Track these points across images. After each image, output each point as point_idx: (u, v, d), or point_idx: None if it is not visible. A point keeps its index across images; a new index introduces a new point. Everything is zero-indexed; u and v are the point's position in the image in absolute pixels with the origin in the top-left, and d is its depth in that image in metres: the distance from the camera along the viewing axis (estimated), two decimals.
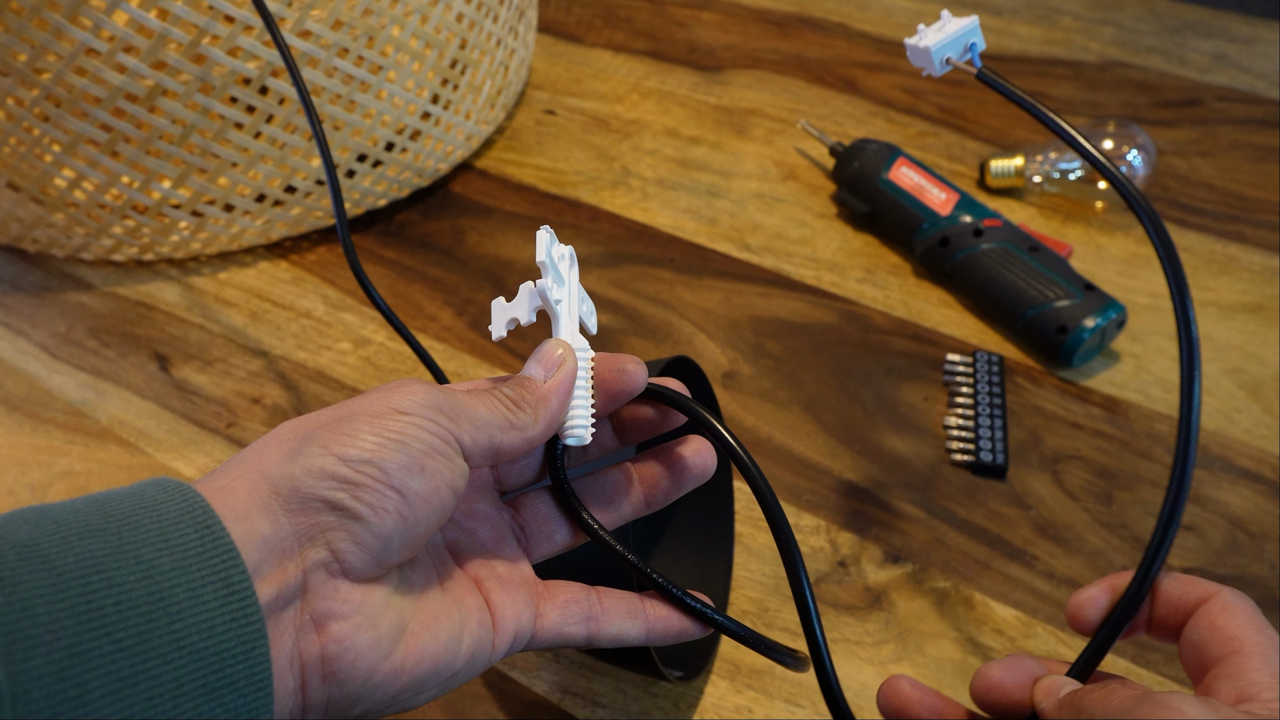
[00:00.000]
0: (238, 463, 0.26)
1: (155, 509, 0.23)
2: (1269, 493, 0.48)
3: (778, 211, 0.66)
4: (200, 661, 0.22)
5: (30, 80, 0.54)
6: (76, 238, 0.61)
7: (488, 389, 0.29)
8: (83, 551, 0.22)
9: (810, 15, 0.85)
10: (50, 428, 0.54)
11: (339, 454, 0.25)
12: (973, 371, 0.53)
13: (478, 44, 0.65)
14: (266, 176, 0.59)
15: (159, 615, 0.22)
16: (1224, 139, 0.70)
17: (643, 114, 0.75)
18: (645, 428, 0.32)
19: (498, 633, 0.29)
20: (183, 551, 0.23)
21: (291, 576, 0.24)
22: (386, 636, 0.26)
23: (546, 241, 0.30)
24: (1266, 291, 0.58)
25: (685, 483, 0.32)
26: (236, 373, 0.56)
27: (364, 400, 0.27)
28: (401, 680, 0.26)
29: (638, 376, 0.30)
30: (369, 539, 0.25)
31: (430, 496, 0.26)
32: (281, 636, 0.24)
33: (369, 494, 0.25)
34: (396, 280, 0.62)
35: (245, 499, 0.24)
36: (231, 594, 0.23)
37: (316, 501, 0.25)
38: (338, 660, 0.25)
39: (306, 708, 0.25)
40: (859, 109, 0.74)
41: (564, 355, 0.30)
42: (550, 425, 0.29)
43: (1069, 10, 0.84)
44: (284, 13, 0.54)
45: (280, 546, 0.24)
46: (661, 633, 0.31)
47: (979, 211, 0.58)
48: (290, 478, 0.25)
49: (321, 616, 0.25)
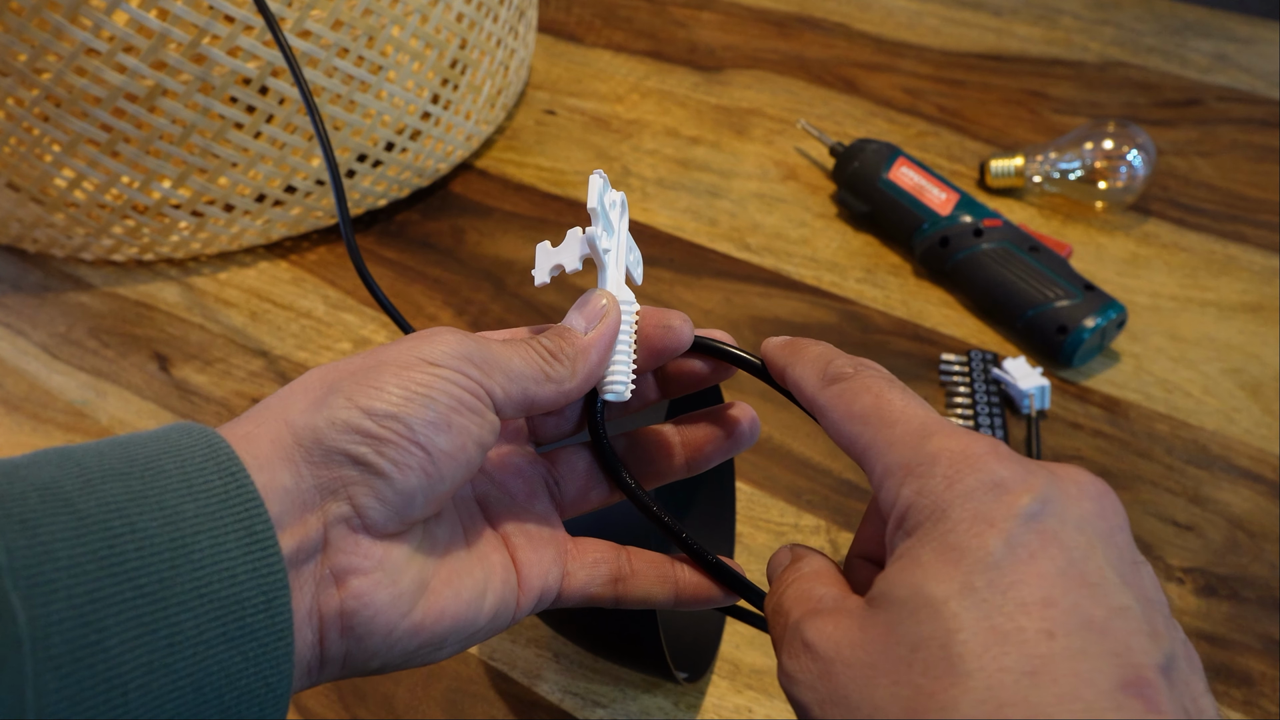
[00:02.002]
0: (263, 409, 0.25)
1: (179, 454, 0.23)
2: (1269, 493, 0.48)
3: (778, 211, 0.66)
4: (221, 610, 0.22)
5: (30, 80, 0.54)
6: (76, 238, 0.61)
7: (525, 338, 0.28)
8: (105, 495, 0.21)
9: (810, 15, 0.85)
10: (50, 428, 0.54)
11: (363, 406, 0.24)
12: (969, 371, 0.53)
13: (478, 44, 0.65)
14: (266, 176, 0.59)
15: (181, 562, 0.21)
16: (1224, 139, 0.70)
17: (643, 114, 0.75)
18: (692, 381, 0.31)
19: (523, 590, 0.28)
20: (206, 498, 0.22)
21: (313, 530, 0.24)
22: (407, 593, 0.25)
23: (600, 187, 0.29)
24: (1266, 291, 0.58)
25: (735, 447, 0.32)
26: (236, 373, 0.56)
27: (394, 349, 0.26)
28: (421, 637, 0.26)
29: (683, 333, 0.29)
30: (391, 495, 0.25)
31: (456, 453, 0.25)
32: (301, 589, 0.24)
33: (392, 450, 0.24)
34: (396, 280, 0.62)
35: (268, 448, 0.24)
36: (254, 543, 0.22)
37: (339, 455, 0.24)
38: (357, 615, 0.25)
39: (324, 661, 0.25)
40: (859, 109, 0.74)
41: (608, 307, 0.29)
42: (588, 380, 0.28)
43: (1069, 10, 0.84)
44: (284, 13, 0.54)
45: (302, 499, 0.24)
46: (691, 598, 0.30)
47: (979, 211, 0.58)
48: (313, 429, 0.24)
49: (342, 571, 0.25)
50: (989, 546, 0.21)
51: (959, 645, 0.20)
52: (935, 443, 0.23)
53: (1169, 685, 0.20)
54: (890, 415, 0.24)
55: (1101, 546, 0.21)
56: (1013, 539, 0.21)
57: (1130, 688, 0.19)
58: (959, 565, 0.21)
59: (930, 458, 0.23)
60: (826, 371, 0.27)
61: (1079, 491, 0.22)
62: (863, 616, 0.22)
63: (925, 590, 0.21)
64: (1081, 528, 0.21)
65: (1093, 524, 0.22)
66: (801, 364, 0.28)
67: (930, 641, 0.20)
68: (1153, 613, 0.21)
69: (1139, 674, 0.19)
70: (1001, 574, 0.20)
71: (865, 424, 0.25)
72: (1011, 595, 0.20)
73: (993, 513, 0.21)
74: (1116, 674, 0.19)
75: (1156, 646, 0.20)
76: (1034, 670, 0.19)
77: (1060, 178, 0.63)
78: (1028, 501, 0.21)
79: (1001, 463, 0.22)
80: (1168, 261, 0.61)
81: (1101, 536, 0.21)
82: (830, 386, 0.26)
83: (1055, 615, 0.20)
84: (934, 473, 0.22)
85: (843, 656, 0.22)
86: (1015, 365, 0.52)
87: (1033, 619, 0.20)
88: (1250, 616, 0.43)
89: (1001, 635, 0.20)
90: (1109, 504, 0.22)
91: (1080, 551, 0.21)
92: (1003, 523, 0.21)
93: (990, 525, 0.21)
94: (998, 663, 0.19)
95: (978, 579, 0.20)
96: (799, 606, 0.25)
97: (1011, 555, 0.20)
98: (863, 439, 0.25)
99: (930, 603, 0.20)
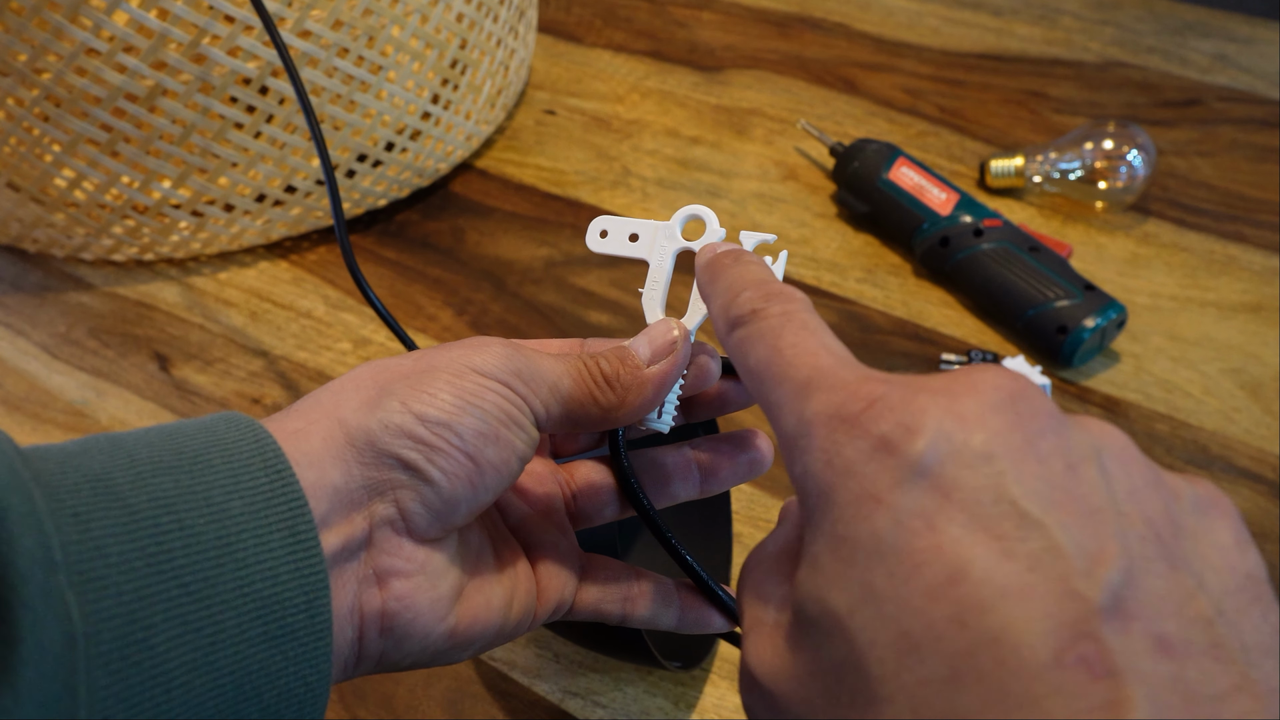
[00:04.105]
0: (314, 405, 0.25)
1: (227, 448, 0.23)
2: (1269, 493, 0.48)
3: (778, 211, 0.66)
4: (263, 609, 0.22)
5: (30, 80, 0.54)
6: (76, 238, 0.61)
7: (580, 355, 0.28)
8: (155, 490, 0.21)
9: (810, 15, 0.85)
10: (50, 428, 0.54)
11: (417, 412, 0.25)
12: None
13: (478, 44, 0.65)
14: (266, 176, 0.59)
15: (226, 560, 0.22)
16: (1224, 139, 0.70)
17: (643, 114, 0.75)
18: (716, 406, 0.31)
19: (541, 602, 0.29)
20: (252, 495, 0.22)
21: (358, 529, 0.24)
22: (445, 598, 0.26)
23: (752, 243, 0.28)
24: (1266, 291, 0.58)
25: (751, 472, 0.31)
26: (236, 373, 0.56)
27: (443, 354, 0.26)
28: (453, 640, 0.26)
29: (713, 371, 0.29)
30: (437, 502, 0.25)
31: (501, 466, 0.26)
32: (344, 587, 0.24)
33: (443, 458, 0.25)
34: (397, 280, 0.62)
35: (320, 445, 0.24)
36: (298, 543, 0.23)
37: (390, 458, 0.24)
38: (398, 617, 0.25)
39: (361, 658, 0.25)
40: (859, 109, 0.74)
41: (677, 341, 0.28)
42: (638, 413, 0.28)
43: (1069, 10, 0.84)
44: (284, 13, 0.54)
45: (351, 498, 0.24)
46: (692, 624, 0.31)
47: (979, 211, 0.58)
48: (367, 430, 0.24)
49: (385, 572, 0.25)
50: (879, 531, 0.17)
51: (874, 666, 0.17)
52: (812, 405, 0.20)
53: (1122, 624, 0.16)
54: (778, 369, 0.21)
55: (1014, 472, 0.17)
56: (902, 512, 0.17)
57: (1066, 656, 0.15)
58: (853, 564, 0.17)
59: (807, 427, 0.19)
60: (730, 312, 0.24)
61: (980, 407, 0.18)
62: (792, 636, 0.19)
63: (829, 604, 0.18)
64: (987, 458, 0.17)
65: (1002, 444, 0.17)
66: (713, 300, 0.25)
67: (847, 667, 0.17)
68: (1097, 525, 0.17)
69: (1076, 630, 0.15)
70: (899, 561, 0.17)
71: (760, 382, 0.22)
72: (915, 585, 0.17)
73: (877, 484, 0.18)
74: (1048, 646, 0.15)
75: (1094, 581, 0.16)
76: (955, 673, 0.16)
77: (1060, 178, 0.63)
78: (914, 455, 0.17)
79: (881, 414, 0.18)
80: (1168, 261, 0.61)
81: (1015, 456, 0.17)
82: (732, 335, 0.23)
83: (965, 595, 0.16)
84: (811, 447, 0.19)
85: (781, 691, 0.19)
86: (1015, 365, 0.52)
87: (942, 607, 0.16)
88: None
89: (914, 642, 0.16)
90: (1022, 404, 0.18)
91: (987, 494, 0.17)
92: (889, 494, 0.17)
93: (877, 502, 0.17)
94: (915, 675, 0.16)
95: (876, 577, 0.17)
96: (749, 613, 0.22)
97: (905, 533, 0.17)
98: (762, 402, 0.22)
99: (836, 620, 0.18)
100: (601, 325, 0.58)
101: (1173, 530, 0.18)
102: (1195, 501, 0.19)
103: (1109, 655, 0.15)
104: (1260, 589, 0.17)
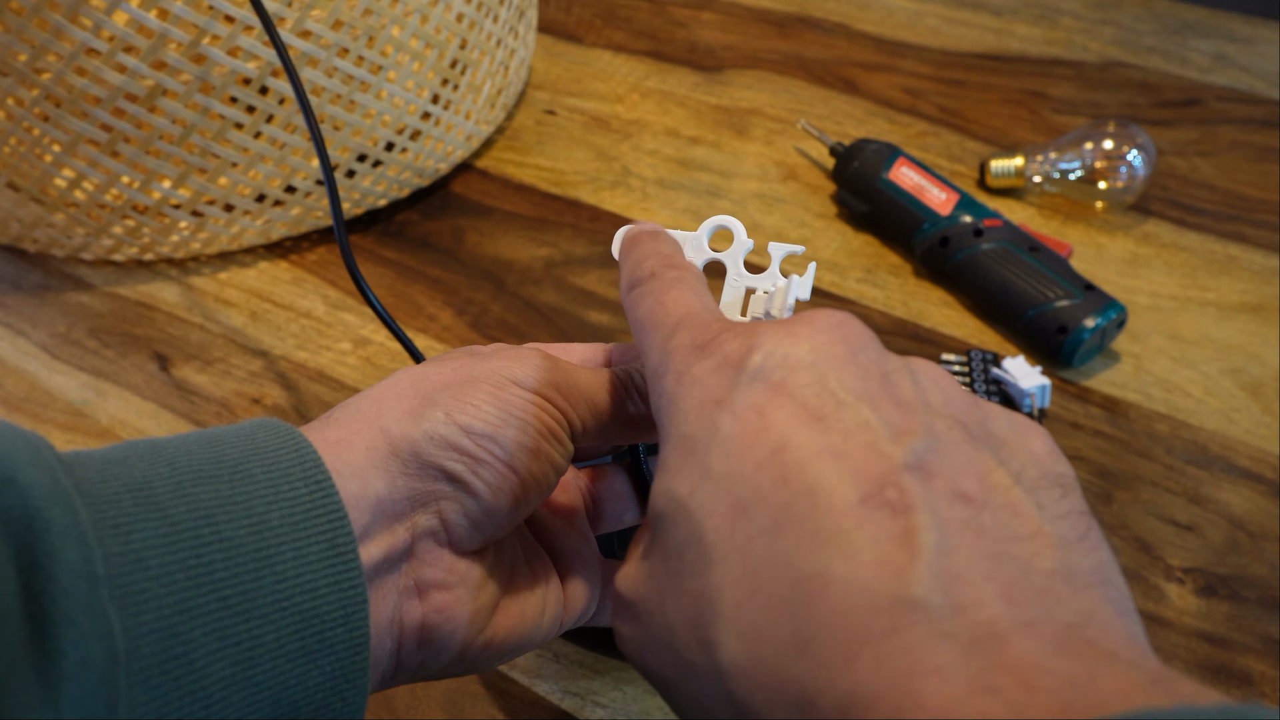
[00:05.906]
0: (354, 414, 0.25)
1: (266, 457, 0.23)
2: (1269, 493, 0.48)
3: (778, 211, 0.66)
4: (301, 623, 0.22)
5: (30, 80, 0.54)
6: (76, 238, 0.61)
7: (616, 369, 0.28)
8: (195, 500, 0.21)
9: (810, 15, 0.85)
10: (50, 428, 0.54)
11: (462, 424, 0.24)
12: (969, 371, 0.53)
13: (478, 44, 0.65)
14: (266, 176, 0.59)
15: (265, 573, 0.21)
16: (1224, 139, 0.70)
17: (643, 114, 0.75)
18: None
19: (568, 610, 0.29)
20: (291, 507, 0.22)
21: (400, 540, 0.24)
22: (484, 610, 0.26)
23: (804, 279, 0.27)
24: (1266, 291, 0.58)
25: None
26: (236, 373, 0.56)
27: (483, 365, 0.26)
28: (490, 651, 0.26)
29: None
30: (479, 514, 0.25)
31: (540, 478, 0.26)
32: (384, 599, 0.24)
33: (487, 470, 0.24)
34: (397, 280, 0.62)
35: (363, 456, 0.24)
36: (337, 556, 0.22)
37: (434, 470, 0.24)
38: (437, 629, 0.25)
39: (399, 669, 0.25)
40: (859, 109, 0.74)
41: None
42: None
43: (1069, 10, 0.84)
44: (284, 13, 0.54)
45: (394, 509, 0.24)
46: None
47: (979, 211, 0.58)
48: (411, 440, 0.24)
49: (425, 584, 0.25)
50: (718, 423, 0.19)
51: (709, 533, 0.18)
52: (676, 339, 0.22)
53: (923, 478, 0.18)
54: (658, 317, 0.23)
55: (836, 374, 0.20)
56: (738, 406, 0.19)
57: (871, 500, 0.17)
58: (694, 454, 0.19)
59: (667, 357, 0.22)
60: (633, 274, 0.25)
61: (809, 329, 0.20)
62: (645, 545, 0.21)
63: (674, 493, 0.20)
64: (814, 365, 0.20)
65: (825, 355, 0.20)
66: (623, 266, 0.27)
67: (690, 543, 0.19)
68: (906, 412, 0.19)
69: (881, 480, 0.18)
70: (735, 443, 0.19)
71: (643, 329, 0.24)
72: (746, 460, 0.19)
73: (718, 389, 0.20)
74: (856, 490, 0.17)
75: (899, 445, 0.18)
76: (776, 523, 0.18)
77: (1060, 178, 0.63)
78: (751, 364, 0.20)
79: (727, 340, 0.21)
80: (1168, 261, 0.61)
81: (837, 363, 0.20)
82: (630, 292, 0.25)
83: (787, 460, 0.18)
84: (668, 370, 0.21)
85: (640, 595, 0.20)
86: (1015, 365, 0.52)
87: (768, 473, 0.18)
88: (1250, 616, 0.43)
89: (744, 506, 0.18)
90: (848, 330, 0.21)
91: (811, 389, 0.19)
92: (728, 394, 0.20)
93: (717, 403, 0.20)
94: (744, 532, 0.18)
95: (714, 460, 0.19)
96: None
97: (740, 421, 0.19)
98: (641, 348, 0.24)
99: (680, 504, 0.19)
100: (601, 325, 0.58)
101: (983, 431, 0.20)
102: (1010, 421, 0.20)
103: (908, 496, 0.17)
104: (1066, 483, 0.19)
